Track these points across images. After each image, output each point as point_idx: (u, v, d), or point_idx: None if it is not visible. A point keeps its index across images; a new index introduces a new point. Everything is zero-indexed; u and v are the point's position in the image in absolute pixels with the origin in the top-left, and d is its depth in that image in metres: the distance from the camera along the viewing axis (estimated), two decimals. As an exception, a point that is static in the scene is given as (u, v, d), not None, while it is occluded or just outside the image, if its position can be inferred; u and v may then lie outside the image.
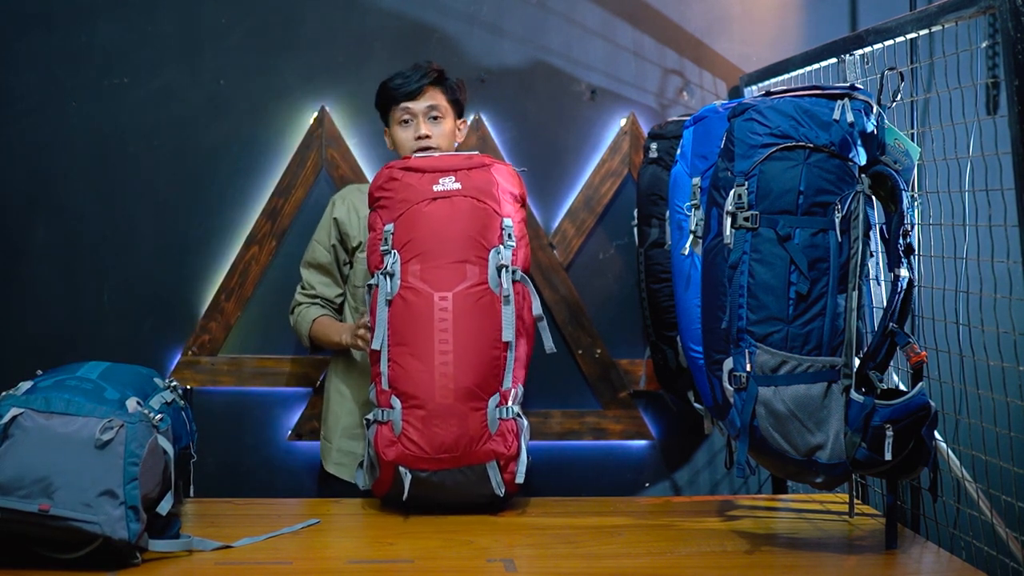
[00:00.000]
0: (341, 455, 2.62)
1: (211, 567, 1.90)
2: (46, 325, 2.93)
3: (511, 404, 2.20)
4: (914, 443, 1.89)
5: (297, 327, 2.68)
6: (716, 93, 3.04)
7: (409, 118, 2.54)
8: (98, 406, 1.86)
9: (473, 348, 2.16)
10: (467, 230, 2.20)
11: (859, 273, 1.91)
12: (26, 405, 1.84)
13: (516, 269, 2.22)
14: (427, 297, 2.17)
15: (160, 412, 1.96)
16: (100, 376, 1.95)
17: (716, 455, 3.07)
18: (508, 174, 2.29)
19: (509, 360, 2.20)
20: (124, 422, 1.85)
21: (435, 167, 2.24)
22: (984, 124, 2.08)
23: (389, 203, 2.24)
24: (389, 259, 2.20)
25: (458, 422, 2.14)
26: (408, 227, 2.20)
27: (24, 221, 2.93)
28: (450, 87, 2.57)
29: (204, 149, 2.96)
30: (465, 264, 2.19)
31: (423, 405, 2.14)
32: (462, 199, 2.21)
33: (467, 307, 2.17)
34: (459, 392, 2.15)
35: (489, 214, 2.22)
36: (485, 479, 2.20)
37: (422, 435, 2.14)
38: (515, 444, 2.20)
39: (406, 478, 2.15)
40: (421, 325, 2.16)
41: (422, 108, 2.53)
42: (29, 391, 1.88)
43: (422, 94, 2.53)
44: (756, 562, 1.97)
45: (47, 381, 1.91)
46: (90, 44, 2.92)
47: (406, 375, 2.16)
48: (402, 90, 2.53)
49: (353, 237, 2.64)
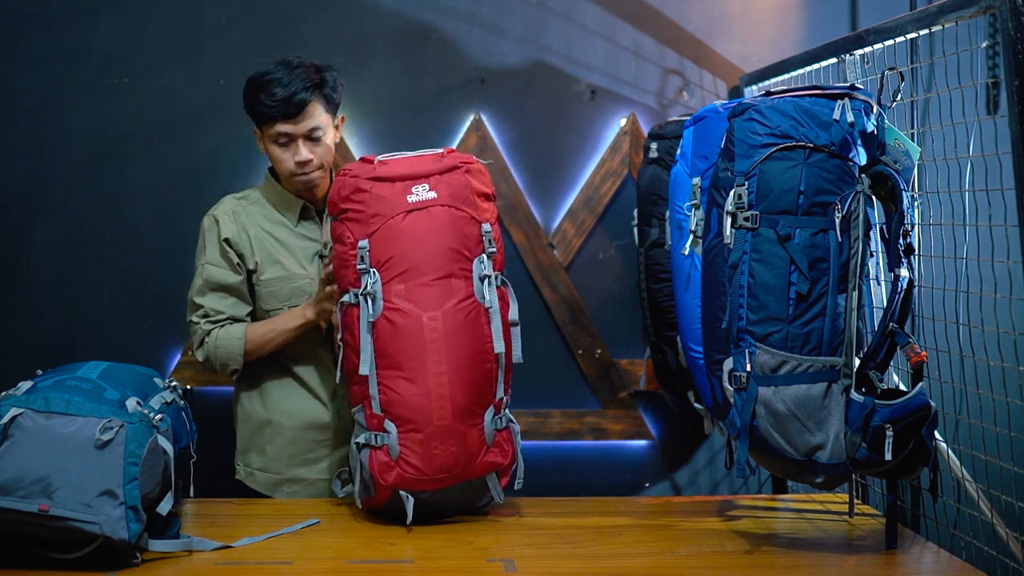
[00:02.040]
0: (292, 484, 2.43)
1: (211, 567, 1.90)
2: (46, 325, 2.93)
3: (504, 412, 2.17)
4: (914, 443, 1.89)
5: (219, 352, 2.38)
6: (716, 93, 3.04)
7: (286, 140, 2.33)
8: (98, 406, 1.86)
9: (467, 365, 2.09)
10: (448, 242, 2.10)
11: (859, 273, 1.91)
12: (26, 405, 1.84)
13: (498, 275, 2.15)
14: (416, 318, 2.07)
15: (160, 412, 1.96)
16: (100, 376, 1.95)
17: (716, 455, 3.07)
18: (479, 173, 2.18)
19: (500, 370, 2.15)
20: (124, 422, 1.85)
21: (405, 174, 2.11)
22: (984, 124, 2.08)
23: (360, 217, 2.10)
24: (368, 279, 2.08)
25: (457, 441, 2.09)
26: (385, 244, 2.09)
27: (24, 221, 2.93)
28: (328, 92, 2.35)
29: (204, 149, 2.97)
30: (450, 279, 2.10)
31: (420, 429, 2.07)
32: (440, 209, 2.10)
33: (457, 324, 2.09)
34: (456, 412, 2.09)
35: (468, 222, 2.12)
36: (484, 489, 2.18)
37: (421, 458, 2.08)
38: (511, 451, 2.18)
39: (408, 502, 2.10)
40: (413, 348, 2.07)
41: (303, 131, 2.32)
42: (29, 391, 1.88)
43: (303, 115, 2.31)
44: (756, 562, 1.97)
45: (47, 381, 1.91)
46: (90, 44, 2.92)
47: (400, 400, 2.08)
48: (278, 111, 2.30)
49: (248, 259, 2.39)
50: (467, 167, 2.16)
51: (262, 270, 2.40)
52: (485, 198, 2.17)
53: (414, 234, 2.09)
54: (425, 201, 2.10)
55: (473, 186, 2.15)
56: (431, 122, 2.94)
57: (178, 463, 2.04)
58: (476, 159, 2.20)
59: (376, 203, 2.10)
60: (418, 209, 2.10)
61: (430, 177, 2.12)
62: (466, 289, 2.11)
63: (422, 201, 2.10)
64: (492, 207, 2.19)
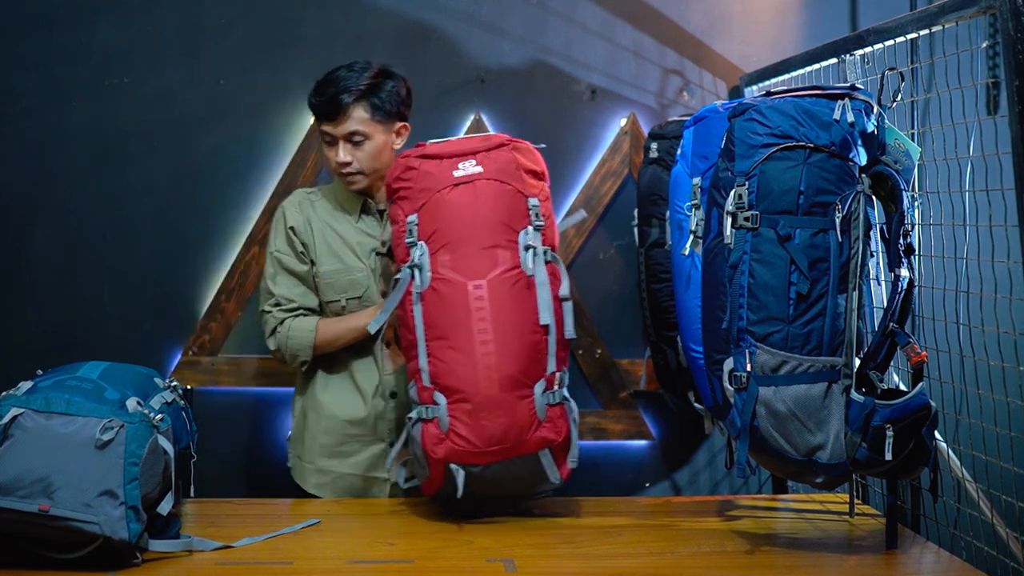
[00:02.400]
0: (321, 475, 2.47)
1: (211, 567, 1.90)
2: (46, 325, 2.93)
3: (557, 388, 2.14)
4: (914, 443, 1.89)
5: (291, 343, 2.42)
6: (716, 93, 3.04)
7: (330, 140, 2.40)
8: (98, 406, 1.86)
9: (513, 335, 2.10)
10: (494, 214, 2.13)
11: (859, 273, 1.91)
12: (26, 405, 1.84)
13: (547, 249, 2.16)
14: (461, 287, 2.10)
15: (160, 412, 1.96)
16: (100, 376, 1.95)
17: (716, 455, 3.07)
18: (528, 152, 2.21)
19: (551, 343, 2.13)
20: (124, 422, 1.85)
21: (452, 152, 2.16)
22: (984, 124, 2.08)
23: (409, 193, 2.16)
24: (416, 251, 2.13)
25: (505, 412, 2.09)
26: (432, 216, 2.13)
27: (24, 221, 2.93)
28: (376, 99, 2.38)
29: (204, 149, 2.96)
30: (496, 249, 2.12)
31: (469, 399, 2.08)
32: (485, 183, 2.14)
33: (503, 293, 2.11)
34: (504, 382, 2.09)
35: (514, 195, 2.15)
36: (539, 469, 2.14)
37: (470, 429, 2.08)
38: (565, 428, 2.14)
39: (458, 475, 2.09)
40: (458, 316, 2.10)
41: (342, 133, 2.38)
42: (29, 391, 1.88)
43: (342, 117, 2.36)
44: (756, 562, 1.97)
45: (47, 381, 1.91)
46: (90, 44, 2.92)
47: (448, 369, 2.10)
48: (319, 110, 2.39)
49: (311, 248, 2.46)
50: (514, 144, 2.20)
51: (321, 262, 2.44)
52: (533, 175, 2.20)
53: (460, 206, 2.13)
54: (471, 175, 2.15)
55: (520, 162, 2.18)
56: (431, 122, 2.94)
57: (178, 463, 2.04)
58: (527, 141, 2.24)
59: (423, 179, 2.15)
60: (464, 183, 2.14)
61: (477, 154, 2.17)
62: (512, 259, 2.13)
63: (468, 175, 2.15)
64: (541, 185, 2.22)
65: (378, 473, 2.45)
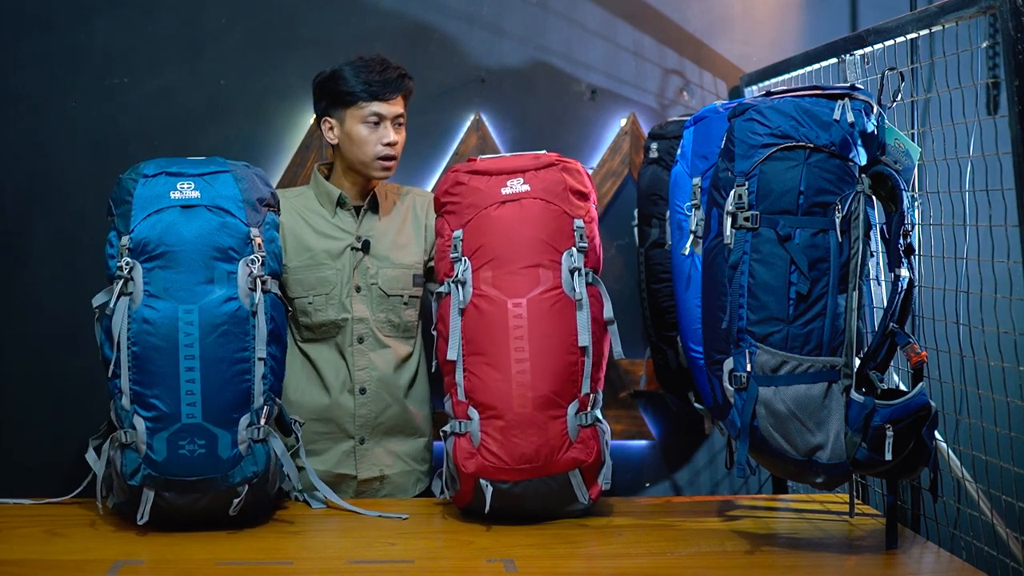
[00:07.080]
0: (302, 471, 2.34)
1: (211, 567, 1.90)
2: (46, 325, 2.93)
3: (591, 410, 2.15)
4: (914, 443, 1.89)
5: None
6: (716, 93, 3.04)
7: (378, 120, 2.43)
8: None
9: (550, 355, 2.11)
10: (538, 233, 2.14)
11: (859, 273, 1.91)
12: None
13: (590, 271, 2.17)
14: (501, 304, 2.12)
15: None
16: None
17: (716, 455, 3.07)
18: (576, 172, 2.22)
19: (587, 365, 2.14)
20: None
21: (502, 168, 2.18)
22: (984, 124, 2.08)
23: (456, 208, 2.18)
24: (460, 266, 2.14)
25: (538, 432, 2.09)
26: (477, 233, 2.15)
27: (24, 221, 2.92)
28: (410, 90, 2.50)
29: (204, 149, 2.95)
30: (538, 268, 2.13)
31: (501, 415, 2.09)
32: (532, 201, 2.15)
33: (542, 313, 2.12)
34: (537, 401, 2.10)
35: (560, 216, 2.16)
36: (568, 489, 2.15)
37: (502, 446, 2.09)
38: (596, 449, 2.15)
39: (487, 490, 2.10)
40: (496, 333, 2.11)
41: (394, 114, 2.43)
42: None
43: (397, 98, 2.44)
44: (756, 562, 1.97)
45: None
46: (90, 44, 2.92)
47: (483, 385, 2.11)
48: (378, 90, 2.42)
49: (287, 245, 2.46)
50: (564, 165, 2.21)
51: (290, 258, 2.45)
52: (580, 196, 2.20)
53: (505, 223, 2.15)
54: (518, 193, 2.16)
55: (568, 183, 2.19)
56: (431, 122, 2.94)
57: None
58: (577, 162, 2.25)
59: (471, 194, 2.17)
60: (511, 201, 2.15)
61: (526, 172, 2.18)
62: (554, 279, 2.14)
63: (515, 193, 2.16)
64: (588, 207, 2.22)
65: (345, 470, 2.45)
